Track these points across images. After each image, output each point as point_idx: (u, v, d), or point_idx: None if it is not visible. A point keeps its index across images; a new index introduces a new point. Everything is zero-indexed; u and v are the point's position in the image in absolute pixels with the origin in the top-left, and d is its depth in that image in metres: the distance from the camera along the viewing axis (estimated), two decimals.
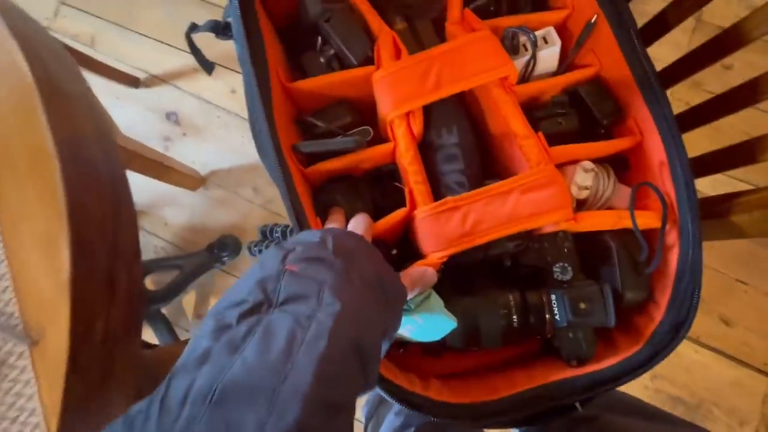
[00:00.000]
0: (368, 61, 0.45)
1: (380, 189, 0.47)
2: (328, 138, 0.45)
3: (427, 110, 0.44)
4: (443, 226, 0.40)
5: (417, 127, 0.43)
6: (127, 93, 1.22)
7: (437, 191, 0.44)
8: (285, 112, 0.45)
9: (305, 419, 0.21)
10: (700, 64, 0.45)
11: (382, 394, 0.39)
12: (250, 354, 0.22)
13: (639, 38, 0.41)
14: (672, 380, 1.10)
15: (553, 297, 0.41)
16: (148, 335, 1.00)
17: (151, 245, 1.14)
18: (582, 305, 0.40)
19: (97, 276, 0.36)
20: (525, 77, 0.46)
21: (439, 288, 0.41)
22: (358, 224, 0.41)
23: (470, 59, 0.42)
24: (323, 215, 0.46)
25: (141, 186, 1.12)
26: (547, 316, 0.42)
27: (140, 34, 1.26)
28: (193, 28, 0.51)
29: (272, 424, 0.20)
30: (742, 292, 1.12)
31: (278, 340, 0.23)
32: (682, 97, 1.10)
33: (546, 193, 0.39)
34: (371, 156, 0.44)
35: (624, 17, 0.41)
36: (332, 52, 0.46)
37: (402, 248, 0.44)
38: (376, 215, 0.43)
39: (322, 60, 0.46)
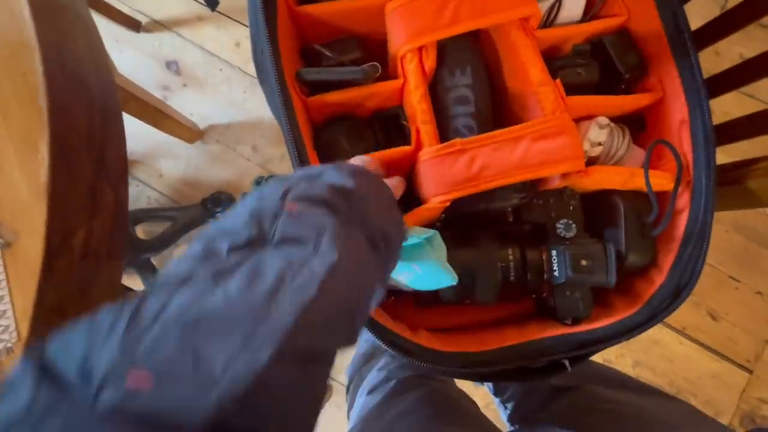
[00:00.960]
0: None
1: (385, 132, 0.45)
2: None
3: (441, 47, 0.42)
4: (448, 169, 0.38)
5: (429, 63, 0.41)
6: (128, 37, 1.17)
7: (445, 134, 0.42)
8: (290, 37, 0.43)
9: (277, 362, 0.19)
10: (735, 25, 0.43)
11: (371, 335, 0.38)
12: (234, 287, 0.21)
13: None
14: (653, 368, 1.11)
15: (554, 252, 0.40)
16: (137, 284, 0.99)
17: (144, 195, 1.12)
18: (584, 262, 0.39)
19: (79, 186, 0.34)
20: (547, 23, 0.44)
21: None
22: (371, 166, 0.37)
23: None
24: (323, 156, 0.44)
25: (137, 134, 1.09)
26: (545, 274, 0.41)
27: None
28: None
29: (243, 360, 0.19)
30: (733, 288, 1.12)
31: (266, 278, 0.22)
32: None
33: (558, 142, 0.38)
34: (379, 91, 0.42)
35: None
36: None
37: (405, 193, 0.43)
38: None
39: None
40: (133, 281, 0.99)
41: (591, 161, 0.43)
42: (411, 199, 0.42)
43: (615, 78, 0.42)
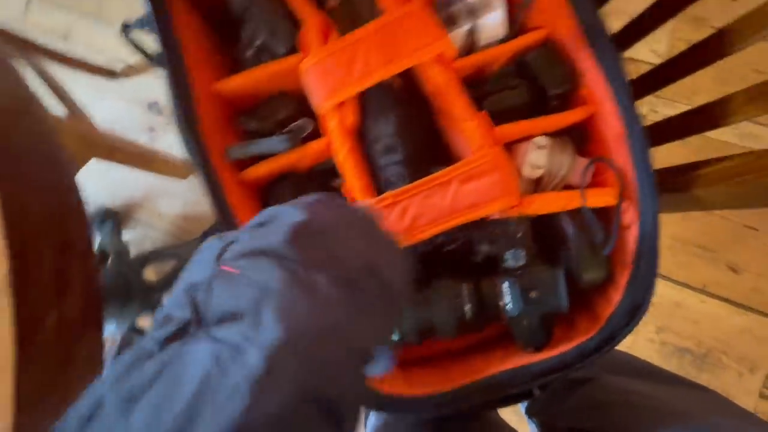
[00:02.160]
0: (296, 49, 0.42)
1: (328, 185, 0.46)
2: (265, 136, 0.43)
3: (363, 98, 0.41)
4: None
5: (350, 118, 0.40)
6: (107, 86, 1.21)
7: (378, 185, 0.41)
8: (217, 113, 0.43)
9: None
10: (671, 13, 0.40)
11: None
12: (140, 415, 0.16)
13: None
14: (678, 332, 1.09)
15: (504, 286, 0.40)
16: None
17: (148, 237, 1.17)
18: (532, 294, 0.39)
19: (44, 271, 0.36)
20: (471, 48, 0.42)
21: None
22: None
23: (400, 38, 0.38)
24: None
25: (130, 180, 1.14)
26: (500, 303, 0.41)
27: (113, 23, 1.23)
28: (126, 27, 0.48)
29: None
30: (752, 237, 1.07)
31: (183, 391, 0.16)
32: (684, 35, 1.00)
33: (487, 180, 0.37)
34: (306, 154, 0.42)
35: None
36: (259, 43, 0.43)
37: None
38: None
39: (249, 53, 0.43)
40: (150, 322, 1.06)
41: (536, 183, 0.42)
42: None
43: (544, 95, 0.40)
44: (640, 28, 0.45)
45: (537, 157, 0.41)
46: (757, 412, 1.03)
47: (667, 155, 0.42)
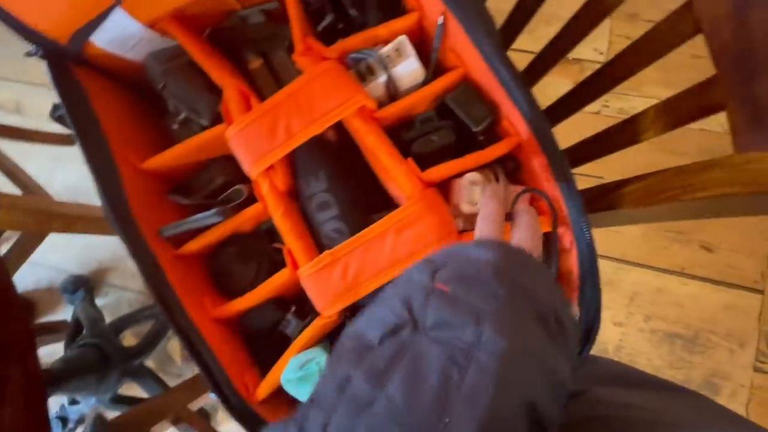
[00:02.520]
0: (220, 118, 0.42)
1: (274, 245, 0.45)
2: (200, 208, 0.43)
3: (293, 157, 0.41)
4: (326, 282, 0.38)
5: (281, 181, 0.40)
6: (65, 153, 1.19)
7: (319, 242, 0.41)
8: (148, 191, 0.43)
9: None
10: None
11: None
12: (395, 391, 0.19)
13: (492, 35, 0.37)
14: (665, 317, 1.09)
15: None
16: (137, 391, 1.02)
17: (124, 299, 1.15)
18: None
19: None
20: (394, 96, 0.43)
21: None
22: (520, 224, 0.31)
23: (318, 98, 0.38)
24: (222, 286, 0.44)
25: (98, 243, 1.12)
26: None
27: None
28: (55, 109, 0.48)
29: None
30: None
31: (429, 378, 0.19)
32: (621, 32, 1.04)
33: (422, 227, 0.37)
34: (243, 221, 0.42)
35: (469, 14, 0.36)
36: (182, 117, 0.43)
37: (301, 303, 0.43)
38: (274, 271, 0.41)
39: (175, 126, 0.43)
40: (133, 390, 1.02)
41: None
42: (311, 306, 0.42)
43: (470, 133, 0.41)
44: (576, 30, 0.45)
45: (471, 193, 0.41)
46: (753, 386, 1.04)
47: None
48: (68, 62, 0.42)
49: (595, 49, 1.14)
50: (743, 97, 0.27)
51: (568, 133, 0.46)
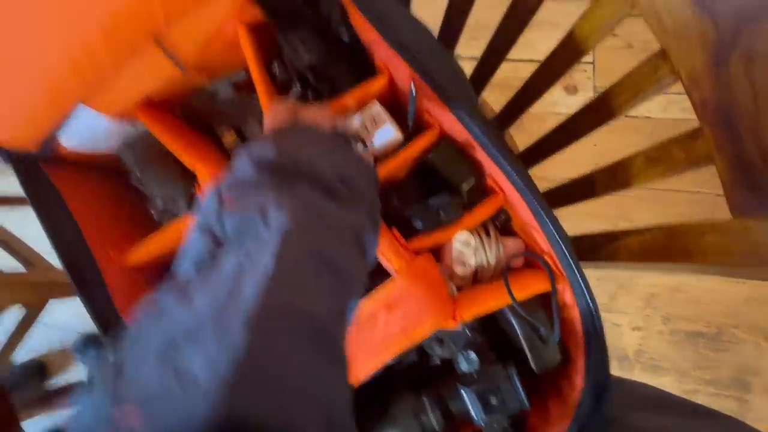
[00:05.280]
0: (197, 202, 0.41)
1: None
2: None
3: None
4: None
5: None
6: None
7: None
8: (136, 285, 0.42)
9: (258, 339, 0.18)
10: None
11: None
12: (198, 298, 0.21)
13: (466, 95, 0.35)
14: (684, 316, 1.06)
15: (464, 394, 0.38)
16: None
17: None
18: (492, 400, 0.37)
19: None
20: (375, 161, 0.41)
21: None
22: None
23: None
24: None
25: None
26: (465, 409, 0.39)
27: None
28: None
29: (220, 353, 0.18)
30: (726, 205, 1.06)
31: (224, 276, 0.21)
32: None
33: (413, 302, 0.35)
34: None
35: (437, 80, 0.35)
36: (161, 205, 0.42)
37: None
38: None
39: (156, 214, 0.42)
40: None
41: (474, 275, 0.41)
42: None
43: (457, 192, 0.39)
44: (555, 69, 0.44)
45: (464, 255, 0.39)
46: None
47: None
48: (39, 162, 0.41)
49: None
50: (731, 156, 0.25)
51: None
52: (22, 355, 0.98)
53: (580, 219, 0.38)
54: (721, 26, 0.25)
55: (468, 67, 0.50)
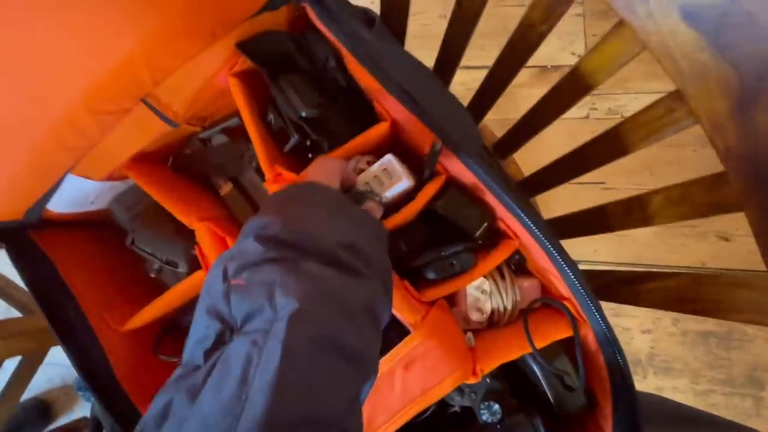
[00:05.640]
0: (197, 262, 0.39)
1: None
2: None
3: None
4: None
5: None
6: None
7: None
8: (135, 350, 0.40)
9: None
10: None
11: None
12: (205, 399, 0.20)
13: (472, 141, 0.34)
14: (694, 317, 1.05)
15: None
16: None
17: None
18: None
19: None
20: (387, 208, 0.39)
21: None
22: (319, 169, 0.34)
23: None
24: None
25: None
26: None
27: None
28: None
29: None
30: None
31: (233, 372, 0.20)
32: (596, 31, 1.00)
33: (431, 359, 0.34)
34: None
35: (436, 122, 0.33)
36: (158, 266, 0.40)
37: None
38: None
39: (154, 274, 0.41)
40: None
41: (489, 320, 0.39)
42: None
43: (469, 238, 0.37)
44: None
45: (479, 302, 0.38)
46: None
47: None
48: (27, 231, 0.39)
49: (573, 53, 1.11)
50: (761, 206, 0.23)
51: (559, 141, 0.41)
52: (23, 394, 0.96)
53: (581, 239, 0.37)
54: (744, 71, 0.23)
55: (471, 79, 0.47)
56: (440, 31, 0.48)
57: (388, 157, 0.37)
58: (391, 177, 0.37)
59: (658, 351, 1.08)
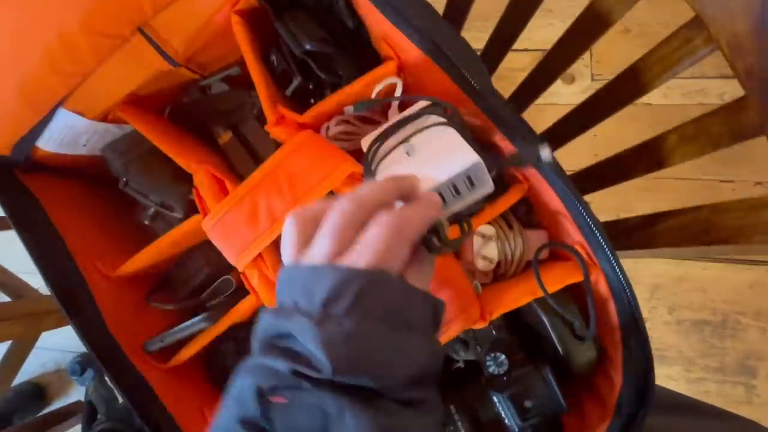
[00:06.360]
0: (194, 207, 0.38)
1: None
2: (185, 307, 0.38)
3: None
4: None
5: (272, 270, 0.36)
6: None
7: None
8: (125, 300, 0.38)
9: None
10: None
11: None
12: None
13: (478, 72, 0.33)
14: (689, 306, 1.05)
15: (496, 401, 0.35)
16: None
17: None
18: (527, 404, 0.34)
19: None
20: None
21: None
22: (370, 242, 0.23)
23: (299, 173, 0.34)
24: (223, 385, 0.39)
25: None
26: (496, 416, 0.36)
27: None
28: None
29: None
30: (730, 190, 1.05)
31: None
32: None
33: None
34: (238, 315, 0.37)
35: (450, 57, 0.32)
36: (152, 211, 0.38)
37: None
38: None
39: (147, 220, 0.39)
40: None
41: (495, 270, 0.38)
42: None
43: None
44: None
45: (486, 249, 0.37)
46: None
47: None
48: (15, 171, 0.37)
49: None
50: None
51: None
52: (15, 378, 0.93)
53: None
54: None
55: None
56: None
57: (473, 159, 0.29)
58: (474, 185, 0.30)
59: (653, 339, 1.07)
